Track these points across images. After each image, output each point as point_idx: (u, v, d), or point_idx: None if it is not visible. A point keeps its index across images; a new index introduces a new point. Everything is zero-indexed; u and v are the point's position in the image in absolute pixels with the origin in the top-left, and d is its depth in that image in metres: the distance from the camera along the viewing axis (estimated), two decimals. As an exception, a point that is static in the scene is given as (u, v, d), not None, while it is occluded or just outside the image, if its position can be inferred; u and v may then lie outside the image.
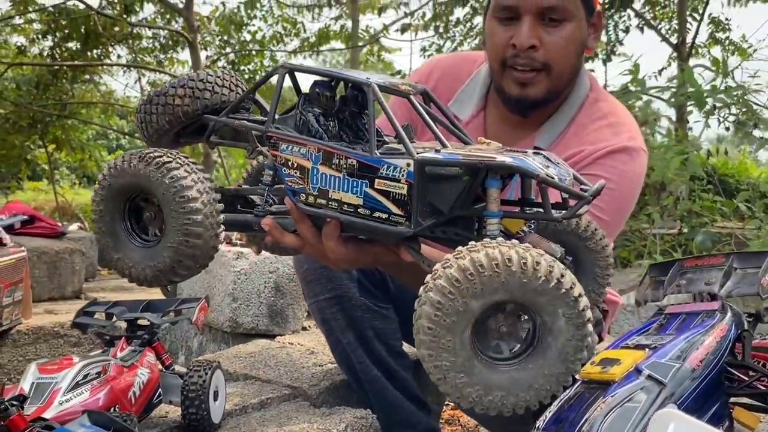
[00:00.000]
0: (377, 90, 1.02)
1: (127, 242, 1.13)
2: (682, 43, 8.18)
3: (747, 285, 1.42)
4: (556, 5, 1.47)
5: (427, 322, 0.85)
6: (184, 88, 1.19)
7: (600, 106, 1.65)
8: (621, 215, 1.61)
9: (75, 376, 1.33)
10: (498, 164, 0.94)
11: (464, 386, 0.87)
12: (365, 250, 1.17)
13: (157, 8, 9.64)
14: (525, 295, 0.84)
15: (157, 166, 1.05)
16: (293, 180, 1.07)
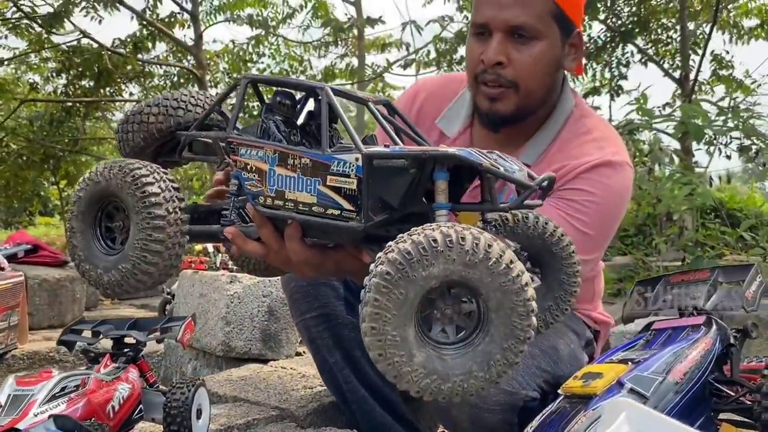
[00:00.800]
0: (330, 92, 1.04)
1: (95, 249, 1.15)
2: (685, 78, 8.22)
3: (731, 299, 1.41)
4: (524, 24, 1.48)
5: (371, 307, 0.84)
6: (158, 106, 1.23)
7: (584, 122, 1.66)
8: (606, 229, 1.59)
9: (52, 389, 1.32)
10: (441, 154, 0.95)
11: (402, 365, 0.86)
12: (328, 255, 1.17)
13: (168, 47, 9.86)
14: (460, 270, 0.84)
15: (126, 173, 1.07)
16: (252, 183, 1.09)
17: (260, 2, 10.35)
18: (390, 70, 9.47)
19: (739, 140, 4.11)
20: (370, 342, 0.86)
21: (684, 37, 8.25)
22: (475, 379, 0.88)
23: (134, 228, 1.07)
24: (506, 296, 0.86)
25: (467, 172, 1.04)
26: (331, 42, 9.79)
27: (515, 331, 0.87)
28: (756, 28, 9.16)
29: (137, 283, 1.10)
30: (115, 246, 1.14)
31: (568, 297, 1.16)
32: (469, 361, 0.88)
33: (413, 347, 0.87)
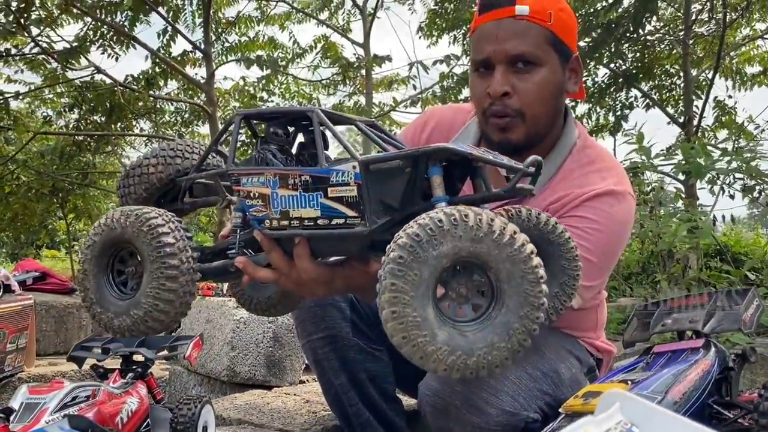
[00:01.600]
0: (321, 114, 1.10)
1: (108, 295, 1.17)
2: (688, 121, 8.31)
3: (730, 322, 1.44)
4: (524, 53, 1.54)
5: (390, 292, 0.88)
6: (156, 157, 1.29)
7: (587, 153, 1.70)
8: (609, 257, 1.63)
9: (63, 398, 1.36)
10: (432, 149, 1.01)
11: (427, 345, 0.89)
12: (337, 271, 1.21)
13: (180, 84, 10.05)
14: (468, 246, 0.89)
15: (148, 226, 1.10)
16: (257, 209, 1.12)
17: (271, 44, 10.62)
18: (397, 108, 9.60)
19: (743, 180, 4.15)
20: (392, 327, 0.90)
21: (687, 82, 8.38)
22: (498, 350, 0.92)
23: (148, 276, 1.10)
24: (515, 265, 0.90)
25: (459, 172, 1.10)
26: (340, 81, 9.96)
27: (529, 299, 0.91)
28: (759, 74, 9.31)
29: (147, 329, 1.14)
30: (126, 291, 1.17)
31: (572, 281, 1.20)
32: (490, 333, 0.92)
33: (434, 326, 0.91)
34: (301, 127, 1.19)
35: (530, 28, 1.55)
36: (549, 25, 1.56)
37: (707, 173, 3.95)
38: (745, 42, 9.25)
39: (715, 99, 9.05)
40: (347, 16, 10.76)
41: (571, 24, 1.62)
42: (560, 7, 1.59)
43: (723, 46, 7.71)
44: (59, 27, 8.00)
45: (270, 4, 10.56)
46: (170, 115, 10.64)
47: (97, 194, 11.26)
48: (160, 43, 8.95)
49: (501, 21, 1.56)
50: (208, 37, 8.58)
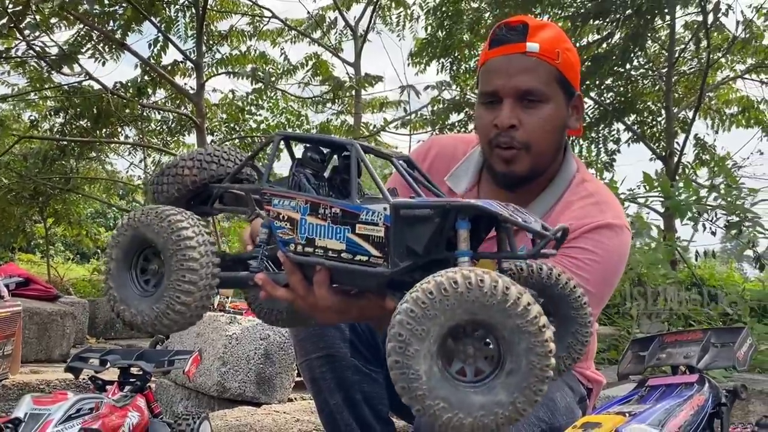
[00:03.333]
0: (359, 149, 1.13)
1: (131, 291, 1.19)
2: (669, 156, 8.48)
3: (723, 359, 1.49)
4: (533, 88, 1.59)
5: (396, 342, 0.91)
6: (192, 160, 1.30)
7: (586, 186, 1.75)
8: (606, 287, 1.67)
9: (68, 410, 1.37)
10: (463, 205, 1.04)
11: (425, 399, 0.91)
12: (353, 302, 1.23)
13: (167, 93, 10.04)
14: (482, 312, 0.91)
15: (168, 222, 1.13)
16: (284, 231, 1.15)
17: (261, 59, 10.67)
18: (386, 128, 9.68)
19: (726, 216, 4.26)
20: (394, 375, 0.92)
21: (669, 117, 8.56)
22: (495, 416, 0.93)
23: (168, 270, 1.12)
24: (524, 336, 0.91)
25: (484, 223, 1.12)
26: (329, 99, 10.02)
27: (534, 370, 0.92)
28: (737, 115, 9.54)
29: (170, 322, 1.15)
30: (149, 288, 1.19)
31: (579, 346, 1.21)
32: (491, 398, 0.93)
33: (435, 382, 0.92)
34: (338, 154, 1.22)
35: (539, 65, 1.60)
36: (556, 64, 1.62)
37: (687, 211, 4.04)
38: (725, 81, 9.49)
39: (695, 136, 9.26)
40: (339, 36, 10.86)
41: (575, 63, 1.68)
42: (566, 46, 1.66)
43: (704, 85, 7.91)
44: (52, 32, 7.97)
45: (263, 20, 10.63)
46: (156, 124, 10.61)
47: (78, 199, 11.14)
48: (151, 53, 8.97)
49: (511, 56, 1.61)
50: (200, 49, 8.59)
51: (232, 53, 10.44)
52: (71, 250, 17.22)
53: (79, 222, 11.08)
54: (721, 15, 6.44)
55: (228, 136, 10.16)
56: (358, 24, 10.13)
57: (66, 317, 3.62)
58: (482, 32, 9.25)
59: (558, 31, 1.68)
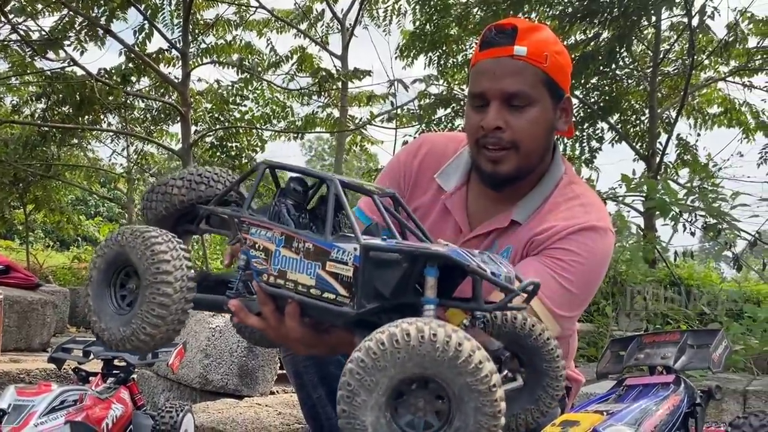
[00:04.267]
0: (338, 184, 1.14)
1: (106, 306, 1.20)
2: (652, 155, 8.56)
3: (699, 360, 1.52)
4: (519, 91, 1.61)
5: (344, 390, 0.91)
6: (182, 180, 1.32)
7: (573, 188, 1.77)
8: (589, 289, 1.70)
9: (52, 401, 1.37)
10: (432, 253, 1.03)
11: None
12: (323, 338, 1.26)
13: (152, 81, 9.95)
14: (432, 367, 0.90)
15: (143, 240, 1.13)
16: (259, 261, 1.16)
17: (247, 49, 10.61)
18: (373, 122, 9.67)
19: (705, 218, 4.32)
20: (341, 424, 0.92)
21: (652, 117, 8.64)
22: None
23: (142, 299, 1.13)
24: (474, 395, 0.89)
25: (459, 270, 1.09)
26: (315, 92, 9.99)
27: (481, 430, 0.90)
28: (719, 115, 9.66)
29: (133, 347, 1.16)
30: (123, 306, 1.19)
31: (549, 399, 1.22)
32: None
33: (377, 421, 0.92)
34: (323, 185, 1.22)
35: (526, 68, 1.62)
36: (544, 67, 1.64)
37: (671, 210, 4.10)
38: (708, 83, 9.60)
39: (677, 136, 9.36)
40: (326, 28, 10.82)
41: (565, 66, 1.70)
42: (556, 49, 1.67)
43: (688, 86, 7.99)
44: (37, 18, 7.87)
45: (249, 9, 10.56)
46: (139, 112, 10.52)
47: (59, 186, 11.03)
48: (135, 40, 8.88)
49: (499, 59, 1.63)
50: (186, 37, 8.52)
51: (218, 43, 10.39)
52: (51, 237, 17.04)
53: (60, 209, 10.97)
54: (707, 17, 6.50)
55: (212, 126, 10.10)
56: (346, 17, 10.09)
57: (47, 306, 3.59)
58: (470, 27, 9.28)
59: (548, 34, 1.70)
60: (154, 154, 12.48)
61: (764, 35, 8.71)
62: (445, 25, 9.22)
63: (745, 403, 3.11)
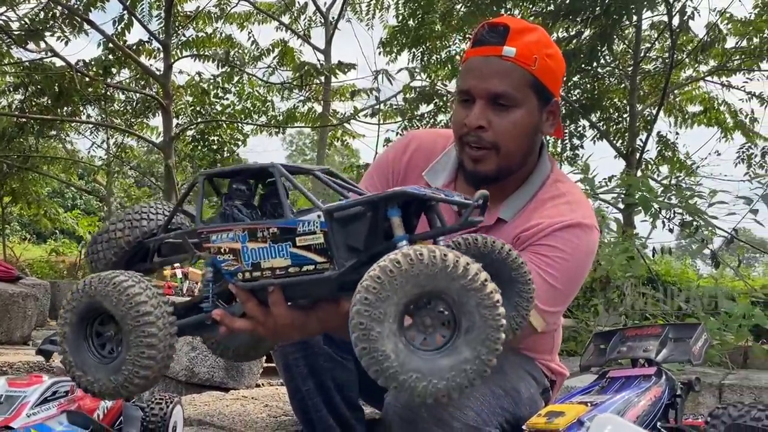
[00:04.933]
0: (282, 168, 1.18)
1: (88, 359, 1.19)
2: (631, 153, 8.67)
3: (680, 353, 1.56)
4: (504, 92, 1.63)
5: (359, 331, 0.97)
6: (122, 221, 1.34)
7: (558, 186, 1.80)
8: (573, 284, 1.73)
9: (44, 392, 1.37)
10: (389, 194, 1.10)
11: (398, 374, 0.97)
12: (311, 314, 1.28)
13: (132, 73, 9.87)
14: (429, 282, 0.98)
15: (113, 285, 1.14)
16: (228, 263, 1.18)
17: (227, 42, 10.55)
18: (356, 117, 9.68)
19: (682, 216, 4.41)
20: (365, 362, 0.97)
21: (633, 116, 8.75)
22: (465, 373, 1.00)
23: (127, 344, 1.13)
24: (471, 294, 0.98)
25: (414, 209, 1.18)
26: (297, 85, 9.97)
27: (488, 322, 0.99)
28: (699, 114, 9.81)
29: (129, 392, 1.17)
30: (105, 354, 1.19)
31: (525, 303, 1.28)
32: (457, 357, 0.99)
33: (403, 357, 0.98)
34: (262, 181, 1.26)
35: (513, 69, 1.64)
36: (532, 69, 1.65)
37: (651, 207, 4.17)
38: (688, 82, 9.74)
39: (657, 134, 9.49)
40: (308, 22, 10.78)
41: (555, 69, 1.71)
42: (548, 53, 1.68)
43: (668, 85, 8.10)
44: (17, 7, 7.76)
45: (230, 2, 10.50)
46: (119, 104, 10.43)
47: (36, 178, 10.89)
48: (115, 30, 8.79)
49: (488, 58, 1.65)
50: (168, 29, 8.44)
51: (198, 35, 10.32)
52: (27, 230, 16.82)
53: (38, 201, 10.83)
54: (687, 18, 6.59)
55: (193, 120, 10.05)
56: (330, 11, 10.06)
57: (28, 299, 3.56)
58: (454, 23, 9.32)
59: (542, 35, 1.70)
60: (134, 146, 12.38)
61: (742, 35, 8.88)
62: (429, 21, 9.25)
63: (721, 397, 3.19)
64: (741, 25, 8.78)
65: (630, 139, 8.86)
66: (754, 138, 9.76)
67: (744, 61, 9.17)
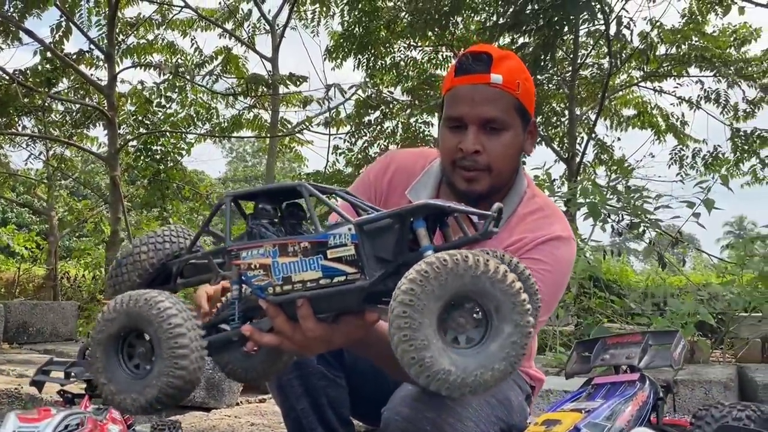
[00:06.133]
0: (310, 187, 1.25)
1: (121, 377, 1.21)
2: (571, 158, 8.96)
3: (661, 359, 1.68)
4: (496, 117, 1.74)
5: (401, 318, 1.04)
6: (146, 245, 1.37)
7: (536, 201, 1.91)
8: (557, 294, 1.84)
9: (56, 426, 1.37)
10: (416, 207, 1.18)
11: (432, 366, 1.05)
12: (336, 328, 1.33)
13: (71, 83, 9.58)
14: (472, 283, 1.06)
15: (150, 305, 1.17)
16: (259, 279, 1.22)
17: (169, 49, 10.38)
18: (309, 127, 9.67)
19: (629, 218, 4.62)
20: (402, 349, 1.05)
21: (572, 121, 9.06)
22: (492, 371, 1.08)
23: (160, 357, 1.16)
24: (507, 298, 1.06)
25: (431, 223, 1.25)
26: (242, 93, 9.88)
27: (519, 327, 1.07)
28: (633, 117, 10.24)
29: (163, 405, 1.19)
30: (138, 371, 1.21)
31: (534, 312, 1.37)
32: (486, 356, 1.07)
33: (439, 350, 1.06)
34: (288, 198, 1.31)
35: (502, 96, 1.74)
36: (517, 94, 1.77)
37: (601, 213, 4.37)
38: (623, 87, 10.16)
39: (595, 137, 9.85)
40: (253, 29, 10.70)
41: (532, 92, 1.84)
42: (525, 77, 1.81)
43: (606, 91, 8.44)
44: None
45: (172, 8, 10.33)
46: (58, 115, 10.10)
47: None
48: (53, 38, 8.52)
49: (476, 86, 1.74)
50: (112, 38, 8.24)
51: (140, 42, 10.11)
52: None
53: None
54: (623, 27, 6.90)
55: (136, 129, 9.83)
56: (276, 18, 10.03)
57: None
58: (398, 30, 9.45)
59: (518, 62, 1.82)
60: (74, 158, 11.99)
61: (672, 43, 9.34)
62: (375, 28, 9.35)
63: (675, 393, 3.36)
64: (671, 33, 9.24)
65: (570, 143, 9.16)
66: (686, 140, 10.29)
67: (674, 66, 9.66)
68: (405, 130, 10.16)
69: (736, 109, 9.92)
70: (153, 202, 9.77)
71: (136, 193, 10.84)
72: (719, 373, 3.58)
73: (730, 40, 9.58)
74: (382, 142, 10.39)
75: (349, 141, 10.24)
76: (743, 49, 9.68)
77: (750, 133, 9.71)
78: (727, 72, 9.15)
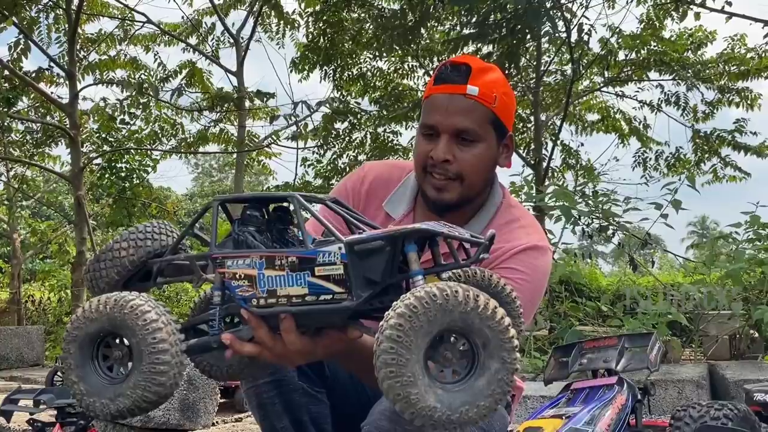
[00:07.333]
0: (300, 198, 1.22)
1: (95, 380, 1.17)
2: (538, 163, 9.05)
3: (638, 361, 1.70)
4: (468, 128, 1.73)
5: (388, 354, 1.02)
6: (127, 240, 1.32)
7: (512, 211, 1.92)
8: (534, 303, 1.85)
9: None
10: (409, 230, 1.16)
11: (417, 402, 1.03)
12: (317, 341, 1.31)
13: (31, 101, 9.39)
14: (461, 319, 1.04)
15: (135, 314, 1.13)
16: (243, 289, 1.20)
17: (132, 64, 10.24)
18: (277, 141, 9.61)
19: (599, 222, 4.69)
20: (388, 385, 1.02)
21: (537, 127, 9.17)
22: (478, 408, 1.05)
23: (138, 369, 1.12)
24: (495, 335, 1.04)
25: (419, 245, 1.23)
26: (207, 107, 9.79)
27: (506, 364, 1.05)
28: (597, 122, 10.41)
29: (147, 405, 1.15)
30: (114, 374, 1.17)
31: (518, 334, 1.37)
32: (472, 393, 1.05)
33: (425, 386, 1.04)
34: (273, 207, 1.29)
35: (476, 107, 1.75)
36: (492, 107, 1.77)
37: (573, 216, 4.42)
38: (585, 93, 10.32)
39: (561, 143, 9.98)
40: (217, 43, 10.62)
41: (510, 106, 1.84)
42: (504, 90, 1.81)
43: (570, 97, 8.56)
44: None
45: (134, 24, 10.21)
46: (18, 134, 9.88)
47: None
48: (10, 56, 8.35)
49: (452, 96, 1.75)
50: (72, 55, 8.10)
51: (102, 59, 9.96)
52: None
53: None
54: (584, 34, 7.01)
55: (100, 147, 9.67)
56: (240, 32, 9.97)
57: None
58: (364, 42, 9.48)
59: (498, 75, 1.82)
60: (36, 178, 11.74)
61: (632, 48, 9.52)
62: (339, 40, 9.35)
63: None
64: (630, 39, 9.42)
65: (536, 149, 9.26)
66: (648, 142, 10.49)
67: (634, 71, 9.86)
68: (374, 140, 10.18)
69: (696, 110, 10.15)
70: (119, 220, 9.61)
71: (101, 212, 10.65)
72: (691, 371, 3.64)
73: (687, 44, 9.80)
74: (351, 153, 10.39)
75: (318, 153, 10.22)
76: (700, 52, 9.92)
77: (710, 133, 9.94)
78: (685, 75, 9.37)
